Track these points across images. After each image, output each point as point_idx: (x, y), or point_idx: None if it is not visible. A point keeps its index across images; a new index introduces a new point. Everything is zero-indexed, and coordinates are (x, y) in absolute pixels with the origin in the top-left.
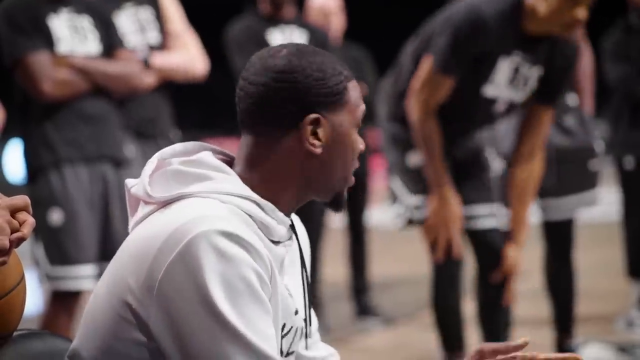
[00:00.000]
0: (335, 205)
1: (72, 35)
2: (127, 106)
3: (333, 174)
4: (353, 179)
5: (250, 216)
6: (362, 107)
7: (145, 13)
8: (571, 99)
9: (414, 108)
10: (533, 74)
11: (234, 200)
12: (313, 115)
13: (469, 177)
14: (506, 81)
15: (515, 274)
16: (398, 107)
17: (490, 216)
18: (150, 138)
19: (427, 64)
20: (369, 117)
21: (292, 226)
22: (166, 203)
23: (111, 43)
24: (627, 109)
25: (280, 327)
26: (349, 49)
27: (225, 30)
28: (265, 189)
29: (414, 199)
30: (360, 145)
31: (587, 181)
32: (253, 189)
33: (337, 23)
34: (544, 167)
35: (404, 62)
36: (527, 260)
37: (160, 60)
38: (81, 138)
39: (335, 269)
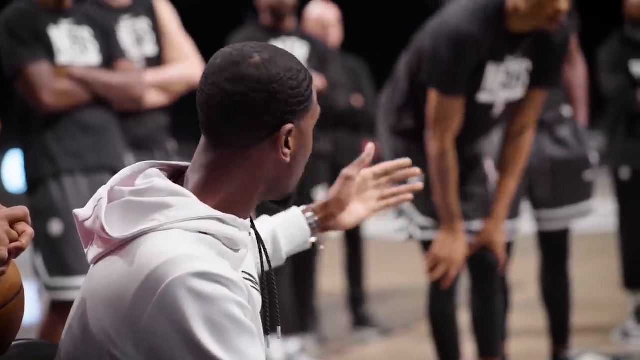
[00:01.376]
0: (284, 204)
1: (72, 45)
2: (124, 118)
3: (294, 178)
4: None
5: (214, 235)
6: (318, 107)
7: (142, 24)
8: (565, 110)
9: (432, 142)
10: (523, 69)
11: (196, 225)
12: (289, 126)
13: (466, 191)
14: (499, 85)
15: (496, 247)
16: (397, 121)
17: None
18: (146, 150)
19: (432, 95)
20: (367, 128)
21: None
22: (126, 242)
23: (111, 54)
24: (622, 119)
25: (263, 334)
26: (346, 60)
27: (226, 42)
28: (227, 199)
29: (421, 219)
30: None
31: (582, 192)
32: (213, 199)
33: (334, 34)
34: (539, 178)
35: (399, 76)
36: (522, 270)
37: (159, 75)
38: (81, 148)
39: (332, 279)
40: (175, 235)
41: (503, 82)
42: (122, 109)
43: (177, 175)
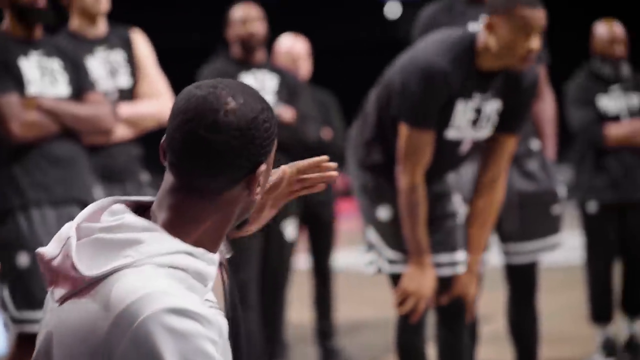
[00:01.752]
0: (241, 227)
1: (42, 77)
2: (94, 151)
3: (253, 207)
4: None
5: (184, 269)
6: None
7: (117, 56)
8: (534, 144)
9: (402, 177)
10: (493, 109)
11: (167, 260)
12: (263, 167)
13: (433, 225)
14: (467, 122)
15: (468, 299)
16: (365, 155)
17: (452, 265)
18: (118, 182)
19: (402, 129)
20: (337, 161)
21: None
22: (97, 282)
23: (81, 86)
24: (590, 154)
25: None
26: (316, 93)
27: (197, 73)
28: (198, 237)
29: (390, 253)
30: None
31: (550, 226)
32: (183, 237)
33: (304, 67)
34: (507, 211)
35: (368, 110)
36: (490, 303)
37: (131, 109)
38: (49, 181)
39: (301, 311)
40: (148, 272)
41: (472, 120)
42: (92, 141)
43: (141, 211)
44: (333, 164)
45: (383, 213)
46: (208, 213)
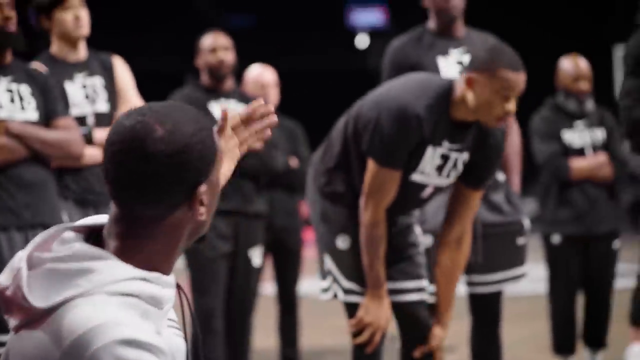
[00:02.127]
0: (200, 241)
1: (11, 102)
2: (69, 174)
3: (205, 225)
4: None
5: (138, 296)
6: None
7: (97, 81)
8: (500, 176)
9: (365, 212)
10: (460, 160)
11: (119, 288)
12: (203, 188)
13: (398, 254)
14: (433, 169)
15: (440, 354)
16: (326, 184)
17: (417, 291)
18: (92, 206)
19: (370, 165)
20: (303, 189)
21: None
22: (49, 312)
23: (50, 111)
24: (554, 187)
25: None
26: (284, 121)
27: (167, 99)
28: (149, 262)
29: (346, 282)
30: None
31: (515, 257)
32: (134, 262)
33: (272, 95)
34: (472, 243)
35: (333, 139)
36: (453, 333)
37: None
38: (17, 205)
39: (266, 338)
40: (100, 301)
41: (438, 167)
42: (64, 165)
43: (94, 235)
44: (270, 106)
45: (341, 242)
46: (155, 238)
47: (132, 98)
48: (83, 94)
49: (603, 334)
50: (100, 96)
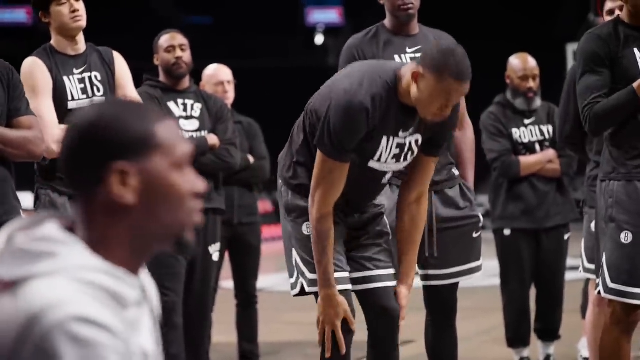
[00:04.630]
0: (179, 249)
1: None
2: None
3: (159, 222)
4: (198, 217)
5: (99, 286)
6: (183, 146)
7: (96, 75)
8: (454, 170)
9: (313, 206)
10: (414, 141)
11: (81, 275)
12: (116, 166)
13: (374, 244)
14: (391, 158)
15: (402, 309)
16: (292, 177)
17: (388, 279)
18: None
19: (318, 157)
20: (261, 186)
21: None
22: (12, 285)
23: (13, 109)
24: (504, 183)
25: None
26: (240, 118)
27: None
28: (104, 251)
29: (310, 275)
30: (193, 184)
31: (470, 251)
32: (100, 251)
33: (229, 93)
34: (427, 237)
35: (295, 133)
36: (410, 325)
37: None
38: None
39: (226, 333)
40: (59, 283)
41: (396, 156)
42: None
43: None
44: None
45: (306, 228)
46: (97, 223)
47: (130, 93)
48: (81, 87)
49: (556, 326)
50: (99, 90)
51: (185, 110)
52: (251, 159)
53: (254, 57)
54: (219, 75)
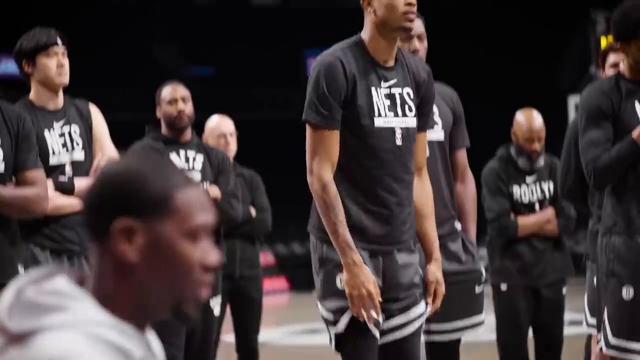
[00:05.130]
0: (179, 318)
1: None
2: (47, 223)
3: (161, 287)
4: (206, 292)
5: (106, 342)
6: (203, 216)
7: (74, 129)
8: (456, 224)
9: (312, 180)
10: (406, 93)
11: (89, 329)
12: (124, 222)
13: (404, 295)
14: (387, 109)
15: (439, 291)
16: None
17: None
18: (66, 256)
19: (308, 134)
20: (262, 238)
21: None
22: (21, 337)
23: (20, 161)
24: (502, 239)
25: None
26: (242, 171)
27: (128, 150)
28: (111, 306)
29: (336, 327)
30: (206, 256)
31: (472, 305)
32: (108, 305)
33: (231, 145)
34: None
35: None
36: None
37: (85, 182)
38: None
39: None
40: (68, 337)
41: (390, 107)
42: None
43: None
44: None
45: (339, 281)
46: (105, 277)
47: (108, 146)
48: (61, 142)
49: None
50: (77, 144)
51: (187, 162)
52: (253, 211)
53: (256, 108)
54: (221, 128)
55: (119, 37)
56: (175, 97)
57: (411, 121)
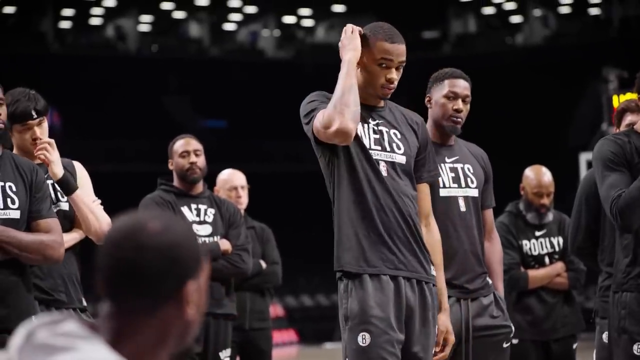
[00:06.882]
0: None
1: None
2: (35, 274)
3: (194, 327)
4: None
5: None
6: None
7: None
8: (488, 279)
9: (319, 117)
10: (393, 134)
11: None
12: (192, 286)
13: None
14: (375, 143)
15: (449, 340)
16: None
17: None
18: (53, 307)
19: (316, 122)
20: (273, 291)
21: None
22: None
23: (34, 211)
24: (512, 293)
25: None
26: (254, 223)
27: (139, 202)
28: (123, 349)
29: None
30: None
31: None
32: (116, 349)
33: (243, 198)
34: (460, 344)
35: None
36: None
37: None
38: None
39: None
40: None
41: (378, 140)
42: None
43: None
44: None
45: (362, 339)
46: (144, 334)
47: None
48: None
49: None
50: (63, 198)
51: (198, 215)
52: (263, 264)
53: (268, 161)
54: (233, 181)
55: (132, 89)
56: (188, 149)
57: (400, 157)
